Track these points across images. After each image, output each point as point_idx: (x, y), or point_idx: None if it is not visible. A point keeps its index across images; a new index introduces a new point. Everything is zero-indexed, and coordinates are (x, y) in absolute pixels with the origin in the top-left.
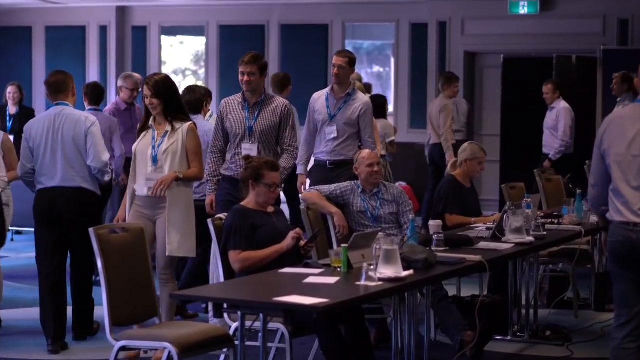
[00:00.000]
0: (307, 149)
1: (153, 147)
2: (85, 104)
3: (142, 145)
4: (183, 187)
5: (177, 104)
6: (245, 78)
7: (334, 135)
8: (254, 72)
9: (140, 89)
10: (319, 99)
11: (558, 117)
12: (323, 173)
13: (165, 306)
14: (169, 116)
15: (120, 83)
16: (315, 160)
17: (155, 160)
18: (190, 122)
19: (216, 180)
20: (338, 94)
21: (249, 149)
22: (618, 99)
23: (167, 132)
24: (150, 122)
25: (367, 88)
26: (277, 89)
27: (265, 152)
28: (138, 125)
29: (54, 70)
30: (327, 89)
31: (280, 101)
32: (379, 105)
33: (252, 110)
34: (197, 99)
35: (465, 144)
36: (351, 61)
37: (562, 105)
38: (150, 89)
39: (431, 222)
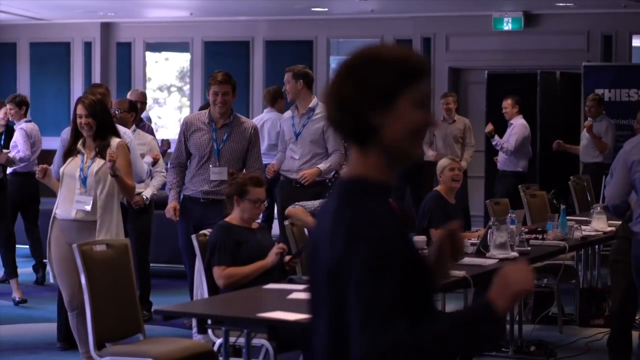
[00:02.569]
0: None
1: (82, 169)
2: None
3: (70, 169)
4: (110, 212)
5: (110, 126)
6: (220, 99)
7: (300, 154)
8: (229, 91)
9: (146, 102)
10: (287, 118)
11: (511, 132)
12: (290, 190)
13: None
14: (100, 138)
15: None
16: (282, 176)
17: (84, 182)
18: (120, 140)
19: (179, 189)
20: (300, 110)
21: (218, 172)
22: (594, 120)
23: (96, 153)
24: (79, 146)
25: None
26: (269, 103)
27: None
28: (65, 146)
29: (93, 83)
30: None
31: (248, 123)
32: None
33: (220, 132)
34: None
35: (439, 160)
36: (296, 74)
37: (519, 121)
38: (86, 109)
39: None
